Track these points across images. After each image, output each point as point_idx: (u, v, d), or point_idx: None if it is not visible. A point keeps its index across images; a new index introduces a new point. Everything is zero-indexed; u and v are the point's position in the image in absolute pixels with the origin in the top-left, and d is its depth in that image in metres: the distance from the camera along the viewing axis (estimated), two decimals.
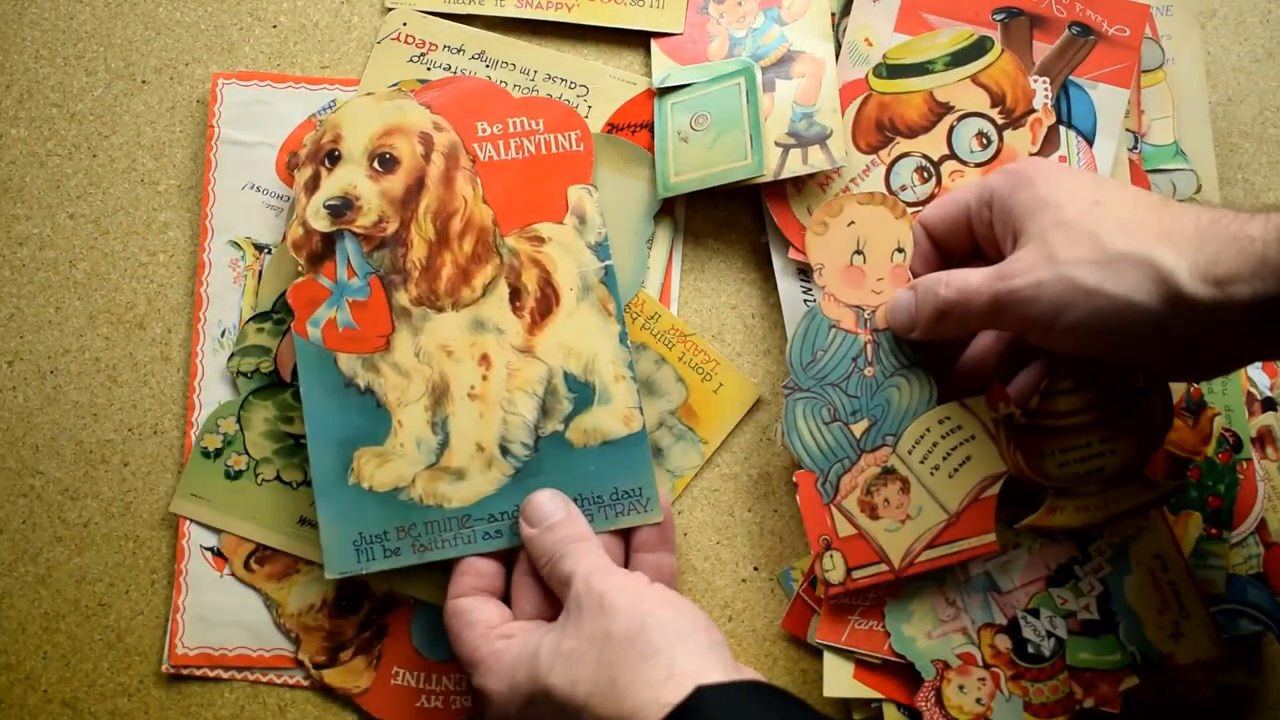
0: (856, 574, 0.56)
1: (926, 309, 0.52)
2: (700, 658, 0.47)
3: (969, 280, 0.50)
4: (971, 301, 0.50)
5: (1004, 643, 0.56)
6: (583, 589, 0.50)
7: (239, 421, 0.59)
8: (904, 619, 0.57)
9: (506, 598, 0.56)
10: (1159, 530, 0.57)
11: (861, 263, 0.57)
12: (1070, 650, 0.56)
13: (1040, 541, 0.57)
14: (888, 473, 0.56)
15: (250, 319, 0.60)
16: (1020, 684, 0.56)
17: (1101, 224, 0.46)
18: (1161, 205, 0.47)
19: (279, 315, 0.60)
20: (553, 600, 0.54)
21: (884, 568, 0.56)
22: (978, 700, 0.56)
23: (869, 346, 0.57)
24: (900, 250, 0.57)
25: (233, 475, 0.59)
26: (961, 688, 0.56)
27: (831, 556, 0.56)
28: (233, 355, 0.60)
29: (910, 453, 0.56)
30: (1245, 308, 0.43)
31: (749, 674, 0.49)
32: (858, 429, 0.57)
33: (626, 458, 0.56)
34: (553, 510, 0.55)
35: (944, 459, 0.56)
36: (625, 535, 0.57)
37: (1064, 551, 0.57)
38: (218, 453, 0.59)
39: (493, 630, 0.53)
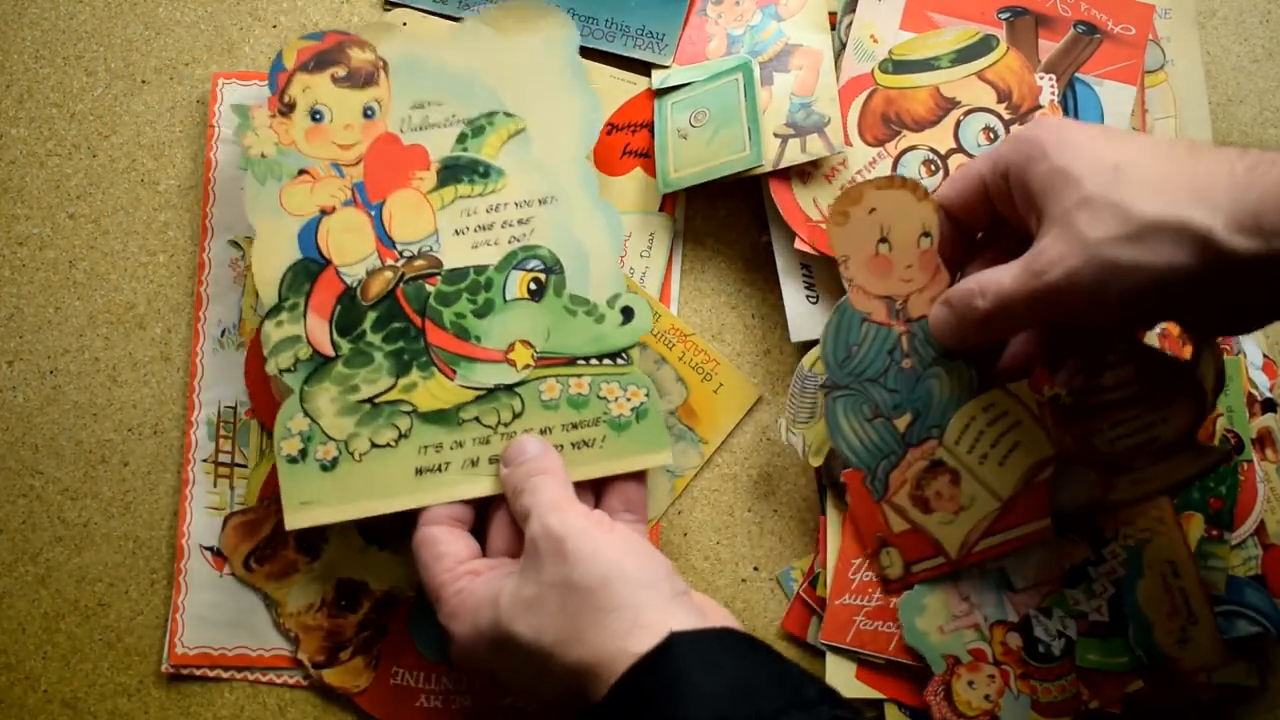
0: (915, 568, 0.54)
1: (970, 322, 0.49)
2: (665, 608, 0.45)
3: (1002, 284, 0.47)
4: (1011, 307, 0.47)
5: (1015, 640, 0.54)
6: (539, 531, 0.47)
7: (307, 414, 0.55)
8: (917, 612, 0.55)
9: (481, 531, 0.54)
10: (1172, 535, 0.54)
11: (887, 251, 0.54)
12: (1079, 651, 0.54)
13: (1056, 541, 0.55)
14: (936, 465, 0.54)
15: (264, 318, 0.55)
16: (1029, 683, 0.54)
17: (1125, 192, 0.42)
18: (1190, 155, 0.42)
19: (291, 301, 0.55)
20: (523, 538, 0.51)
21: (941, 560, 0.54)
22: (986, 697, 0.54)
23: (904, 338, 0.54)
24: (927, 235, 0.53)
25: (328, 466, 0.54)
26: (971, 683, 0.54)
27: (888, 553, 0.54)
28: (268, 359, 0.55)
29: (957, 444, 0.54)
30: None
31: (715, 619, 0.47)
32: (901, 423, 0.54)
33: None
34: (528, 449, 0.53)
35: (992, 447, 0.53)
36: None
37: (1078, 552, 0.55)
38: (303, 454, 0.54)
39: (460, 565, 0.51)
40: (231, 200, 0.60)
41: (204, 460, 0.58)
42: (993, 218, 0.51)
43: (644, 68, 0.60)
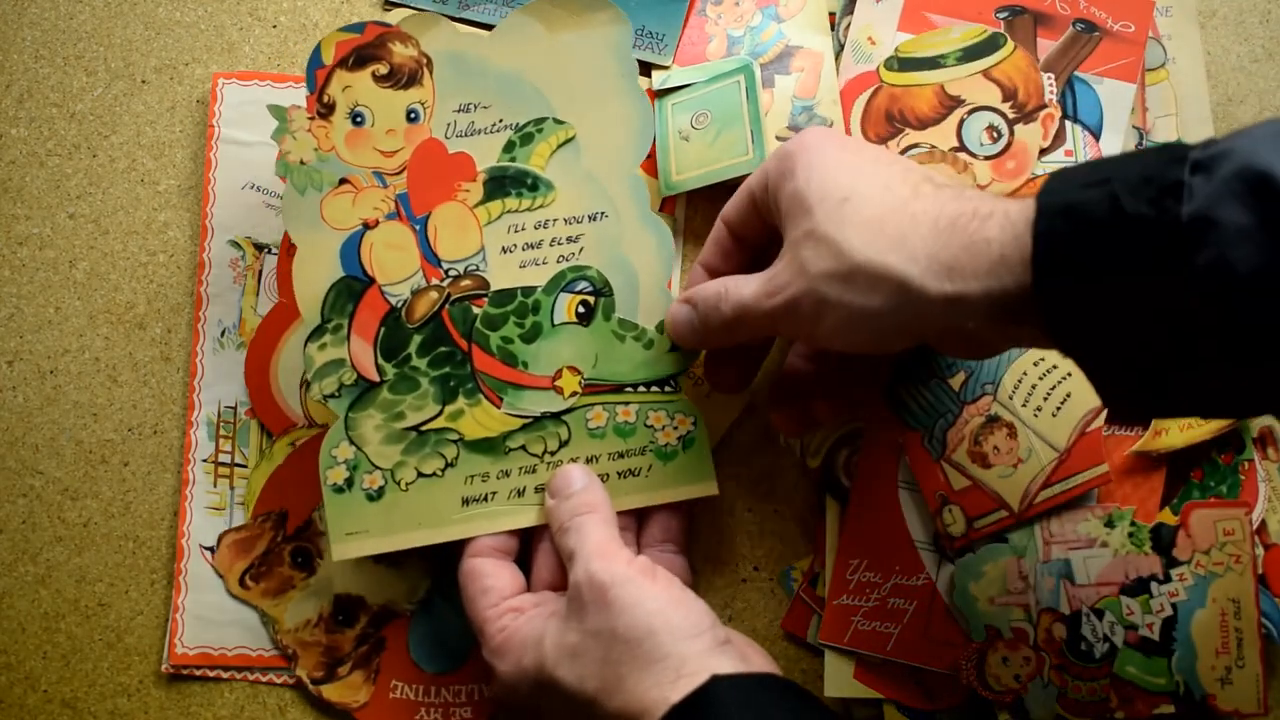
0: (978, 523, 0.54)
1: (714, 324, 0.49)
2: (708, 658, 0.44)
3: (743, 295, 0.47)
4: (749, 316, 0.47)
5: (1060, 631, 0.54)
6: (583, 577, 0.47)
7: (353, 443, 0.53)
8: (973, 577, 0.54)
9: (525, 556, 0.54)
10: (1245, 576, 0.54)
11: None
12: (1120, 660, 0.53)
13: (1129, 548, 0.54)
14: (992, 421, 0.54)
15: (308, 340, 0.53)
16: (1062, 675, 0.53)
17: (844, 229, 0.43)
18: (909, 198, 0.43)
19: (335, 322, 0.53)
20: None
21: (1004, 513, 0.54)
22: (1016, 677, 0.53)
23: None
24: None
25: (374, 496, 0.52)
26: (1005, 660, 0.53)
27: (950, 511, 0.54)
28: (310, 384, 0.53)
29: (1011, 398, 0.54)
30: (980, 303, 0.40)
31: (758, 664, 0.47)
32: (955, 382, 0.54)
33: None
34: (574, 481, 0.52)
35: (1045, 399, 0.54)
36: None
37: (1148, 565, 0.54)
38: (349, 483, 0.52)
39: (505, 602, 0.50)
40: (231, 200, 0.59)
41: (204, 460, 0.58)
42: (767, 235, 0.50)
43: (644, 68, 0.59)
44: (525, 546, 0.54)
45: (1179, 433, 0.54)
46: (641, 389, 0.54)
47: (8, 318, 0.59)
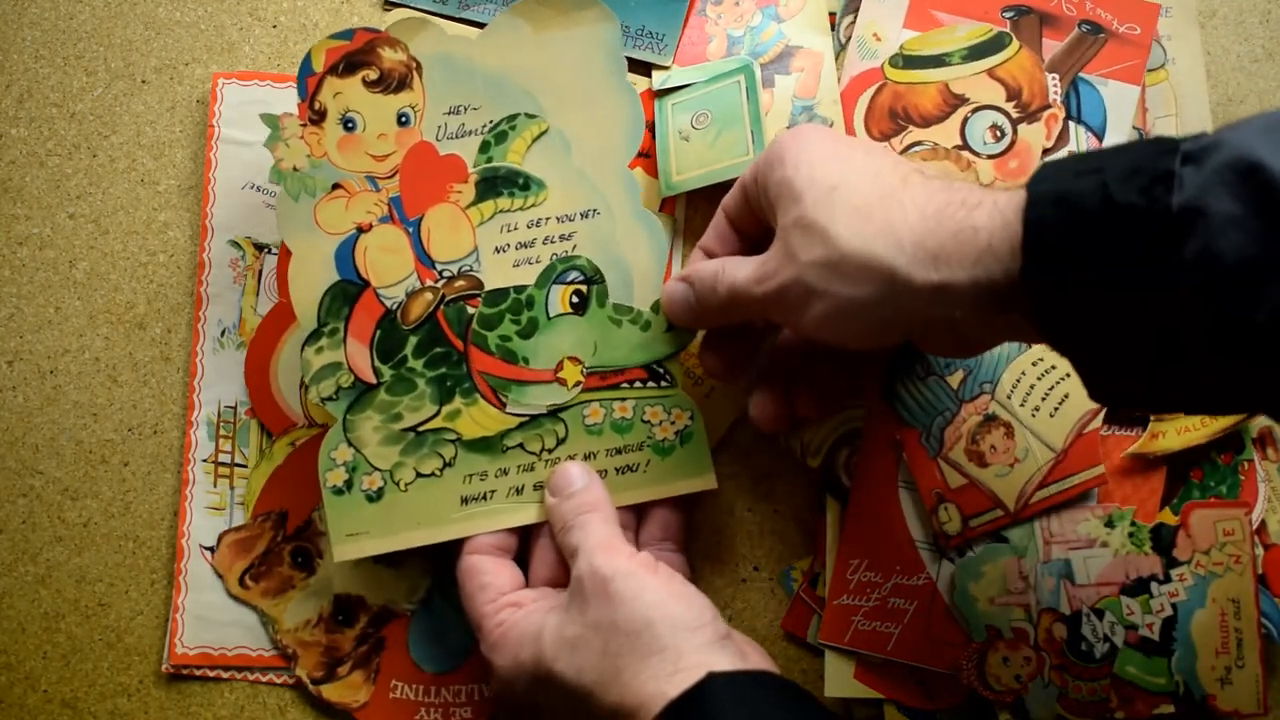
0: (973, 522, 0.53)
1: (710, 304, 0.49)
2: (707, 652, 0.44)
3: (737, 278, 0.47)
4: (741, 299, 0.47)
5: (1060, 631, 0.53)
6: (585, 571, 0.47)
7: (351, 444, 0.52)
8: (973, 577, 0.54)
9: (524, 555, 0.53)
10: (1245, 576, 0.53)
11: None
12: (1120, 660, 0.53)
13: (1129, 548, 0.54)
14: (990, 420, 0.53)
15: (304, 344, 0.53)
16: (1062, 675, 0.53)
17: (833, 217, 0.43)
18: (897, 187, 0.43)
19: (331, 326, 0.53)
20: (568, 568, 0.51)
21: (999, 513, 0.53)
22: (1017, 677, 0.53)
23: None
24: None
25: (374, 497, 0.52)
26: (1006, 660, 0.53)
27: (946, 509, 0.53)
28: (308, 388, 0.53)
29: (1009, 397, 0.53)
30: (967, 292, 0.40)
31: (756, 662, 0.46)
32: (954, 380, 0.54)
33: None
34: (574, 479, 0.52)
35: (1043, 399, 0.53)
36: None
37: (1148, 565, 0.54)
38: (348, 484, 0.52)
39: (503, 597, 0.50)
40: (231, 200, 0.58)
41: (204, 460, 0.57)
42: (762, 225, 0.50)
43: (644, 68, 0.59)
44: (523, 545, 0.54)
45: (1175, 436, 0.54)
46: (638, 384, 0.53)
47: (8, 318, 0.59)
